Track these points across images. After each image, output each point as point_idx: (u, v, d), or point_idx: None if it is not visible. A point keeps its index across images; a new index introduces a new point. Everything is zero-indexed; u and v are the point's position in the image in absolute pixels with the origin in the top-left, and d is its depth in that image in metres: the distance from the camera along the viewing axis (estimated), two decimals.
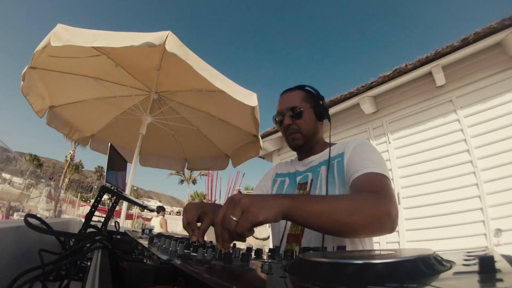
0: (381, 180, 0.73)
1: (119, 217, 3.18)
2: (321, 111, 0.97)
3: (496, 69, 3.14)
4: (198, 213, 0.74)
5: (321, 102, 0.99)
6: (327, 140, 1.04)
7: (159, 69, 2.65)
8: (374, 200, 0.63)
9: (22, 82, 2.31)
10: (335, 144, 0.97)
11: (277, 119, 0.98)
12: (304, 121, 0.94)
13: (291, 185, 0.99)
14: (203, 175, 25.75)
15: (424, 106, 3.64)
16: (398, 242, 3.37)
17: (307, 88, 1.01)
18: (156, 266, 0.39)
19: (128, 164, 1.96)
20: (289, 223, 0.91)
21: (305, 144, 0.97)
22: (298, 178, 0.98)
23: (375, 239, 3.61)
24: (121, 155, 1.56)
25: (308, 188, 0.92)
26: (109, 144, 1.31)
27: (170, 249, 0.55)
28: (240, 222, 0.47)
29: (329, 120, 1.00)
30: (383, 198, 0.65)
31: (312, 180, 0.92)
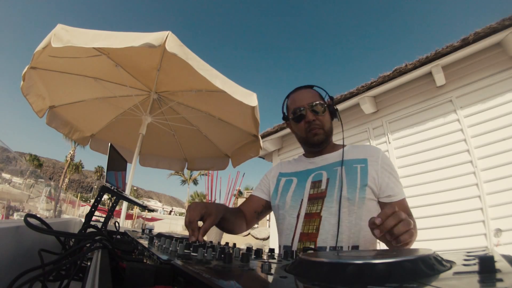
0: (408, 207, 0.88)
1: (119, 217, 3.18)
2: (334, 111, 1.00)
3: (496, 69, 3.14)
4: (201, 213, 0.75)
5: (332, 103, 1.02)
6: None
7: (159, 69, 2.65)
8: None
9: (22, 82, 2.31)
10: (345, 146, 1.01)
11: (297, 114, 0.97)
12: (325, 117, 0.97)
13: (300, 185, 0.97)
14: (203, 175, 25.75)
15: (424, 106, 3.63)
16: None
17: (320, 88, 1.04)
18: (156, 266, 0.39)
19: (128, 164, 1.96)
20: (300, 221, 0.90)
21: (325, 141, 0.98)
22: (312, 176, 0.96)
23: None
24: (121, 155, 1.56)
25: (324, 187, 0.91)
26: (109, 144, 1.31)
27: (170, 249, 0.55)
28: (403, 236, 0.57)
29: (340, 120, 1.02)
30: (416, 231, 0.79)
31: (328, 180, 0.92)
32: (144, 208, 1.67)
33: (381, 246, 0.90)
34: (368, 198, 0.85)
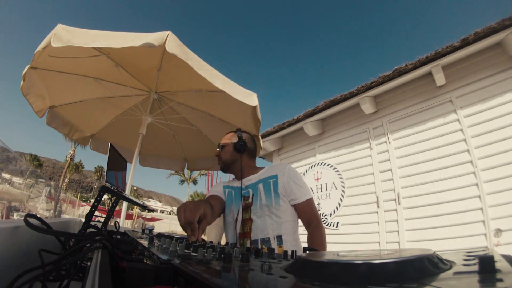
0: (313, 205, 1.25)
1: (119, 217, 3.17)
2: (237, 147, 1.34)
3: (496, 69, 3.14)
4: (200, 214, 0.77)
5: (242, 139, 1.36)
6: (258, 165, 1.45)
7: (159, 69, 2.65)
8: (323, 233, 1.18)
9: (22, 82, 2.31)
10: (263, 168, 1.38)
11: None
12: (223, 152, 1.39)
13: (236, 196, 1.33)
14: (203, 175, 25.73)
15: (424, 106, 3.63)
16: (398, 242, 3.37)
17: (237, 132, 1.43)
18: (156, 266, 0.39)
19: (128, 164, 1.96)
20: (239, 225, 1.25)
21: (224, 168, 1.39)
22: (242, 192, 1.31)
23: (376, 240, 3.62)
24: (121, 155, 1.56)
25: (250, 200, 1.27)
26: (109, 144, 1.31)
27: (170, 249, 0.55)
28: None
29: (250, 150, 1.40)
30: (322, 225, 1.20)
31: (253, 195, 1.28)
32: (144, 208, 1.67)
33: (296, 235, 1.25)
34: (282, 201, 1.21)
